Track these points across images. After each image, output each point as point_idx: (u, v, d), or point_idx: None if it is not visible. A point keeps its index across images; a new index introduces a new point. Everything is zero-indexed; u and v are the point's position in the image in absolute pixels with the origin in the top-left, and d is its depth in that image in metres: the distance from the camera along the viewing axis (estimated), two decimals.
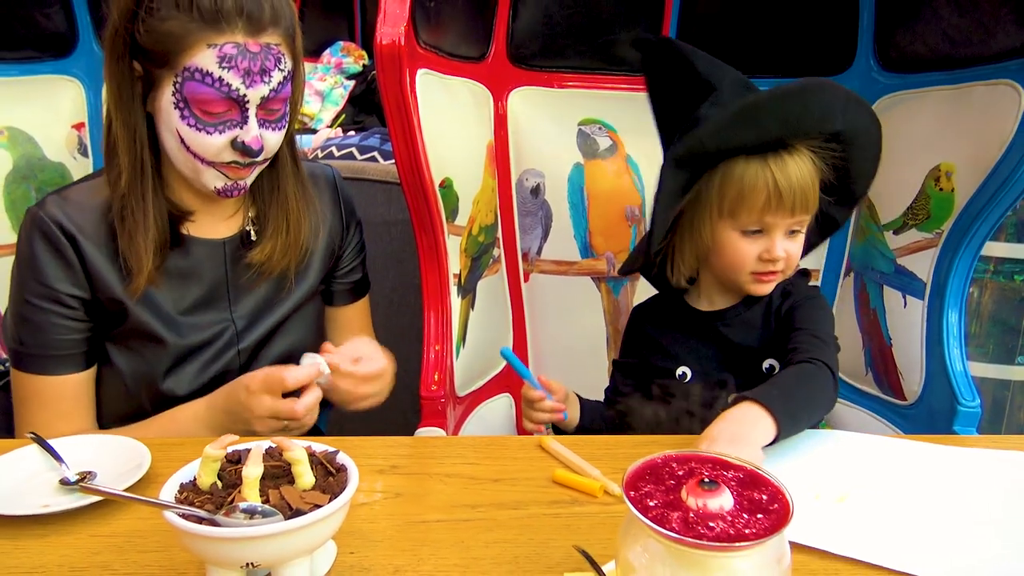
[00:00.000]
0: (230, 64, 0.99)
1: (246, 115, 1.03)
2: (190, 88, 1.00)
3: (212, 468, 0.72)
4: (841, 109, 1.12)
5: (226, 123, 1.02)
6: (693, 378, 1.23)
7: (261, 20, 1.00)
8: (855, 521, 0.85)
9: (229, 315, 1.17)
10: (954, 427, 1.27)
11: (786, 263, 1.18)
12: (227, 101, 1.01)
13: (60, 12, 1.52)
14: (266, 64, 1.01)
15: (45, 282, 1.06)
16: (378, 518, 0.85)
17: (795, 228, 1.18)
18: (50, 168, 1.48)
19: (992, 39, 1.24)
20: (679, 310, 1.29)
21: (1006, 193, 1.21)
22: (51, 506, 0.83)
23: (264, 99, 1.03)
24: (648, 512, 0.59)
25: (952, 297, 1.31)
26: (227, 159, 1.04)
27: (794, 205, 1.13)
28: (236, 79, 1.00)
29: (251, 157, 1.05)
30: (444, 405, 1.25)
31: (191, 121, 1.01)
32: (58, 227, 1.06)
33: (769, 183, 1.12)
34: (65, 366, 1.10)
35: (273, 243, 1.16)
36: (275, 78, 1.03)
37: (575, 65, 1.58)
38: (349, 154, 1.92)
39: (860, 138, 1.16)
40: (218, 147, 1.03)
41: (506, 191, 1.56)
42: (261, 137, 1.04)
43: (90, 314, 1.10)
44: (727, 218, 1.17)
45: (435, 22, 1.23)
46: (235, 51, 0.99)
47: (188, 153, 1.04)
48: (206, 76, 0.99)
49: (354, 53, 2.88)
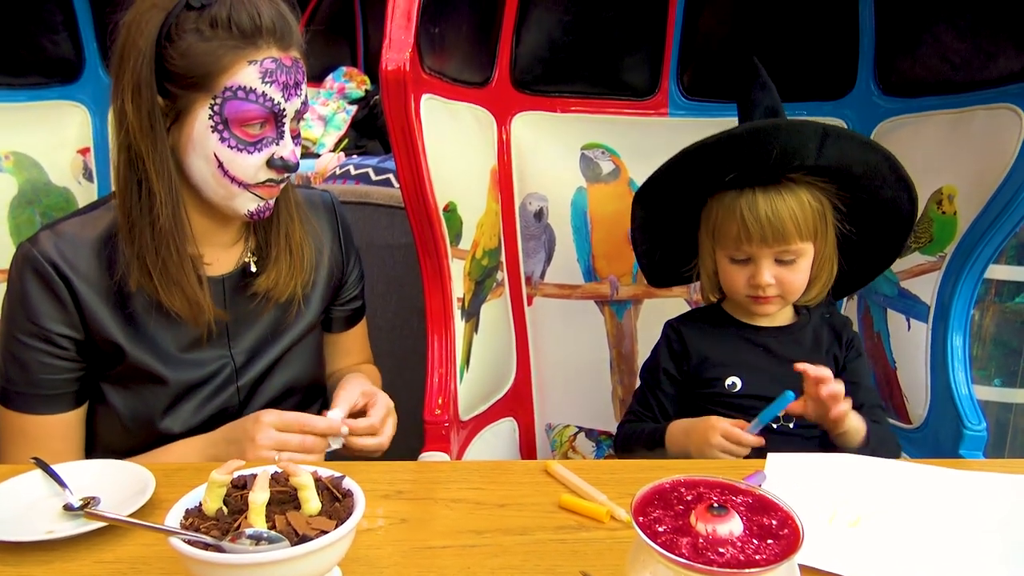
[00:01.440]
0: (272, 79, 1.01)
1: (282, 130, 1.04)
2: (232, 108, 1.00)
3: (218, 494, 0.72)
4: (816, 146, 1.15)
5: (263, 141, 1.03)
6: (743, 388, 1.24)
7: (290, 38, 1.03)
8: (868, 545, 0.84)
9: (228, 352, 1.16)
10: (960, 451, 1.27)
11: (781, 289, 1.21)
12: (268, 116, 1.02)
13: (67, 38, 1.53)
14: (297, 77, 1.04)
15: (36, 321, 1.04)
16: (383, 544, 0.84)
17: (784, 257, 1.20)
18: (55, 193, 1.48)
19: (992, 63, 1.25)
20: (724, 321, 1.30)
21: (1008, 216, 1.22)
22: (55, 532, 0.83)
23: (297, 113, 1.05)
24: (657, 538, 0.59)
25: (956, 320, 1.31)
26: (263, 179, 1.05)
27: (765, 237, 1.17)
28: (277, 93, 1.01)
29: (288, 172, 1.06)
30: (448, 429, 1.24)
31: (232, 143, 1.01)
32: (52, 266, 1.03)
33: (737, 217, 1.18)
34: (53, 405, 1.08)
35: (278, 269, 1.15)
36: (304, 91, 1.06)
37: (578, 90, 1.59)
38: (365, 175, 1.93)
39: (857, 168, 1.18)
40: (256, 167, 1.04)
41: (509, 215, 1.57)
42: (296, 155, 1.06)
43: (82, 354, 1.08)
44: (717, 245, 1.24)
45: (439, 48, 1.24)
46: (274, 66, 1.01)
47: (226, 178, 1.03)
48: (249, 93, 1.00)
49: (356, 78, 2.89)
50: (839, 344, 1.28)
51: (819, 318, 1.30)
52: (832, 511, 0.91)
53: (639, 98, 1.61)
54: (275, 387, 1.20)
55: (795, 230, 1.17)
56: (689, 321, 1.34)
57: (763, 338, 1.26)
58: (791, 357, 1.23)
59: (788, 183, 1.18)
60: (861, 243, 1.26)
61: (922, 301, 1.37)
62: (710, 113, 1.58)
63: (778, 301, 1.24)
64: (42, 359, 1.05)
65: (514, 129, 1.56)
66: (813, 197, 1.19)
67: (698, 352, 1.28)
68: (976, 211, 1.26)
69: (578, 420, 1.65)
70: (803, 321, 1.29)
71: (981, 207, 1.25)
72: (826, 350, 1.27)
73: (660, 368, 1.31)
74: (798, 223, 1.17)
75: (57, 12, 1.50)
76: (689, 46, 1.57)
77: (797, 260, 1.20)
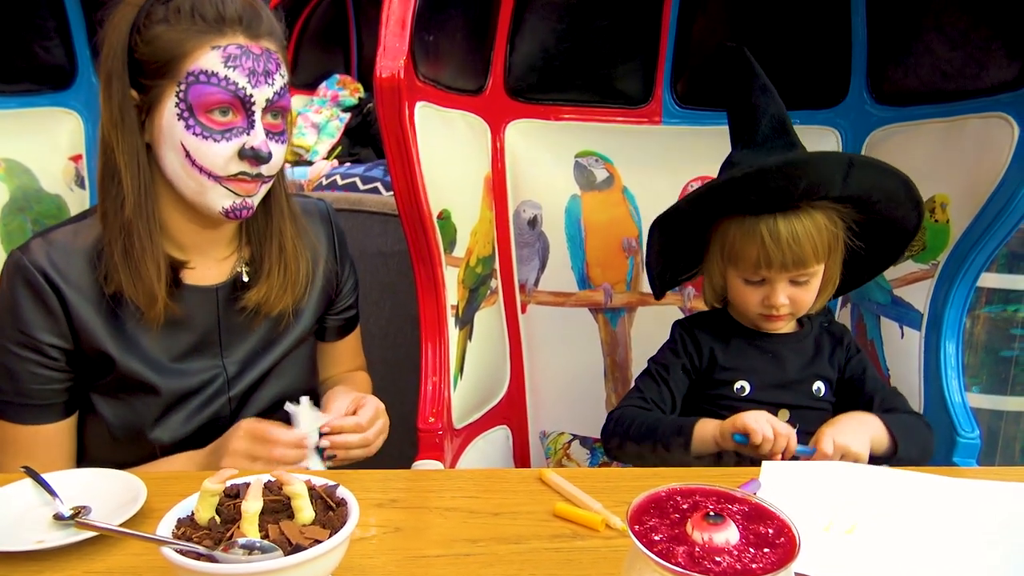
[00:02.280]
0: (235, 63, 1.00)
1: (252, 119, 1.02)
2: (196, 92, 0.99)
3: (210, 503, 0.71)
4: (842, 177, 1.14)
5: (232, 130, 1.02)
6: (751, 393, 1.24)
7: (259, 28, 1.03)
8: (864, 553, 0.84)
9: (220, 362, 1.15)
10: (954, 458, 1.27)
11: (792, 307, 1.22)
12: (232, 100, 1.00)
13: (59, 45, 1.53)
14: (268, 66, 1.03)
15: (26, 331, 1.03)
16: (377, 553, 0.84)
17: (799, 279, 1.20)
18: (47, 200, 1.47)
19: (984, 72, 1.25)
20: (733, 326, 1.30)
21: (1001, 224, 1.22)
22: (45, 542, 0.82)
23: (269, 102, 1.03)
24: (653, 547, 0.58)
25: (949, 328, 1.32)
26: (235, 171, 1.03)
27: (784, 263, 1.17)
28: (242, 77, 1.00)
29: (260, 163, 1.03)
30: (442, 438, 1.24)
31: (197, 130, 1.00)
32: (43, 275, 1.02)
33: (758, 244, 1.17)
34: (43, 416, 1.07)
35: (270, 283, 1.13)
36: (277, 81, 1.04)
37: (572, 98, 1.59)
38: (352, 184, 1.92)
39: (876, 194, 1.18)
40: (226, 157, 1.02)
41: (503, 222, 1.57)
42: (269, 144, 1.04)
43: (72, 365, 1.07)
44: (730, 265, 1.23)
45: (433, 55, 1.24)
46: (239, 51, 1.01)
47: (194, 168, 1.02)
48: (212, 76, 0.99)
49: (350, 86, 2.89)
50: (840, 348, 1.30)
51: (819, 326, 1.31)
52: (828, 519, 0.90)
53: (633, 106, 1.61)
54: (267, 397, 1.19)
55: (813, 254, 1.17)
56: (699, 323, 1.34)
57: (772, 345, 1.27)
58: (797, 364, 1.26)
59: (806, 207, 1.17)
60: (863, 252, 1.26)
61: (915, 309, 1.37)
62: (704, 121, 1.59)
63: (788, 318, 1.25)
64: (32, 369, 1.04)
65: (508, 137, 1.56)
66: (829, 220, 1.19)
67: (709, 354, 1.28)
68: (968, 219, 1.26)
69: (572, 428, 1.64)
70: (806, 330, 1.30)
71: (973, 215, 1.25)
72: (828, 356, 1.28)
73: (676, 363, 1.30)
74: (816, 247, 1.17)
75: (49, 18, 1.50)
76: (683, 54, 1.58)
77: (810, 280, 1.21)
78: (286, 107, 1.07)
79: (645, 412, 1.25)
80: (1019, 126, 1.18)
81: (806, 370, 1.27)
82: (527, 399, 1.62)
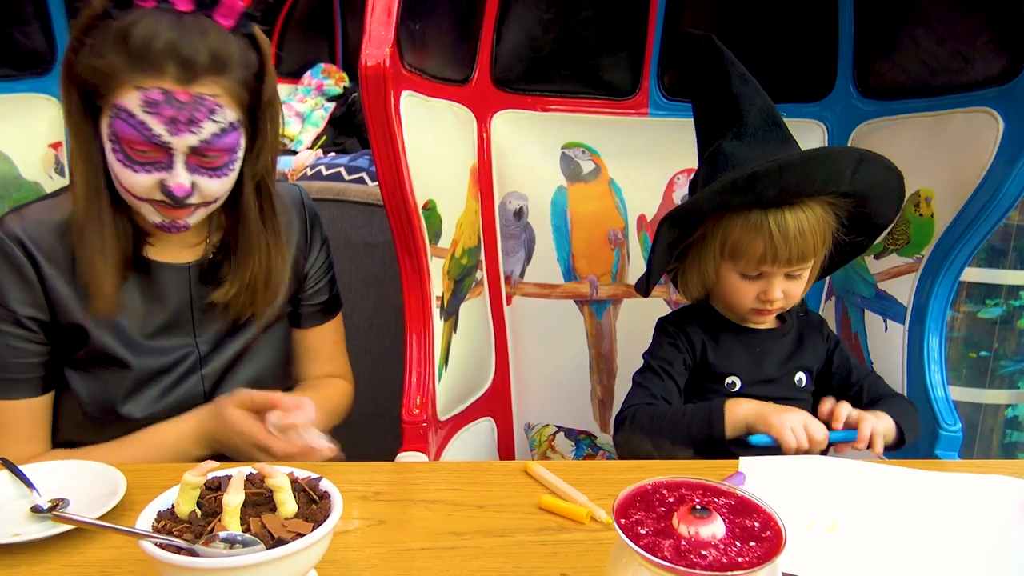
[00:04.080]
0: (154, 110, 0.95)
1: (172, 160, 0.99)
2: (118, 125, 0.97)
3: (191, 496, 0.70)
4: (851, 172, 1.14)
5: (153, 164, 0.99)
6: (742, 388, 1.25)
7: (195, 67, 0.96)
8: (847, 550, 0.85)
9: (193, 340, 1.15)
10: (936, 451, 1.28)
11: (785, 301, 1.23)
12: (150, 145, 0.97)
13: (38, 31, 1.50)
14: (195, 115, 0.97)
15: (3, 303, 1.03)
16: (361, 546, 0.83)
17: (795, 273, 1.21)
18: (26, 187, 1.45)
19: (970, 67, 1.26)
20: (719, 321, 1.30)
21: (985, 219, 1.23)
22: (22, 535, 0.81)
23: (193, 149, 0.98)
24: (639, 540, 0.58)
25: (933, 322, 1.32)
26: (157, 198, 1.01)
27: (790, 258, 1.17)
28: (159, 126, 0.96)
29: (176, 203, 1.01)
30: (426, 429, 1.23)
31: (120, 156, 0.99)
32: (18, 245, 1.03)
33: (766, 238, 1.15)
34: (22, 390, 1.07)
35: (236, 287, 1.12)
36: (206, 129, 0.98)
37: (558, 89, 1.58)
38: (337, 174, 1.90)
39: (875, 190, 1.18)
40: (146, 187, 0.99)
41: (489, 214, 1.56)
42: (192, 184, 1.00)
43: (49, 337, 1.07)
44: (728, 260, 1.21)
45: (420, 45, 1.23)
46: (161, 98, 0.95)
47: (120, 187, 1.02)
48: (130, 117, 0.96)
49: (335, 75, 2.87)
50: (820, 338, 1.31)
51: (796, 317, 1.32)
52: (810, 516, 0.91)
53: (620, 98, 1.60)
54: (242, 378, 1.19)
55: (813, 248, 1.18)
56: (687, 319, 1.33)
57: (758, 341, 1.27)
58: (780, 358, 1.27)
59: (808, 201, 1.17)
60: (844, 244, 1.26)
61: (899, 302, 1.37)
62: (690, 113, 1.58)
63: (779, 310, 1.26)
64: (10, 342, 1.04)
65: (494, 127, 1.55)
66: (826, 211, 1.19)
67: (701, 349, 1.28)
68: (953, 213, 1.26)
69: (557, 420, 1.64)
70: (788, 324, 1.31)
71: (958, 209, 1.26)
72: (809, 347, 1.29)
73: (678, 357, 1.28)
74: (816, 241, 1.17)
75: (28, 3, 1.47)
76: (670, 46, 1.57)
77: (803, 274, 1.22)
78: (224, 148, 1.01)
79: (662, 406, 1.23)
80: (1004, 121, 1.19)
81: (789, 363, 1.28)
82: (512, 391, 1.62)
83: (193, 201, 1.02)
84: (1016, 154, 1.16)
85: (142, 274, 1.10)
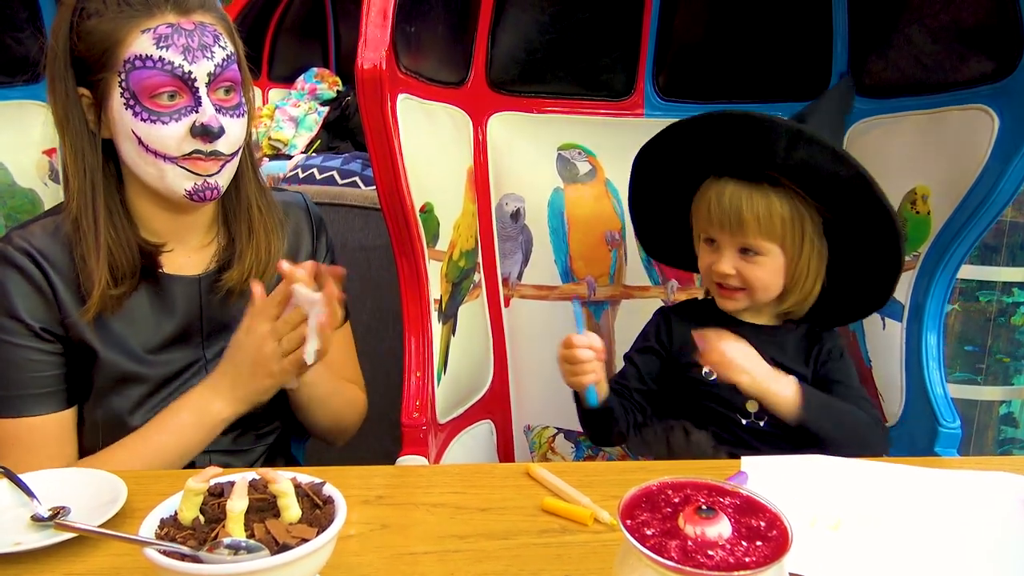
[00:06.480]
0: (167, 43, 0.99)
1: (198, 96, 1.02)
2: (135, 78, 0.99)
3: (194, 502, 0.70)
4: (785, 147, 1.15)
5: (180, 110, 1.01)
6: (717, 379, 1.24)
7: (187, 2, 1.02)
8: (851, 549, 0.85)
9: (202, 352, 1.15)
10: (935, 448, 1.28)
11: (743, 281, 1.23)
12: (174, 81, 1.00)
13: (31, 37, 1.49)
14: (204, 40, 1.02)
15: (17, 316, 1.03)
16: (365, 551, 0.83)
17: (747, 248, 1.21)
18: (20, 194, 1.44)
19: (965, 65, 1.26)
20: (712, 313, 1.31)
21: (981, 216, 1.23)
22: (23, 544, 0.80)
23: (212, 76, 1.02)
24: (645, 541, 0.58)
25: (930, 319, 1.32)
26: (188, 150, 1.02)
27: (723, 223, 1.21)
28: (177, 56, 1.00)
29: (212, 139, 1.02)
30: (426, 433, 1.23)
31: (144, 116, 1.00)
32: (28, 257, 1.03)
33: (707, 199, 1.23)
34: (49, 404, 1.06)
35: (242, 265, 1.14)
36: (217, 54, 1.03)
37: (554, 90, 1.58)
38: (330, 178, 1.90)
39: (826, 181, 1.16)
40: (177, 137, 1.01)
41: (486, 216, 1.56)
42: (219, 120, 1.03)
43: (64, 350, 1.06)
44: (696, 226, 1.29)
45: (415, 47, 1.23)
46: (169, 30, 1.00)
47: (148, 153, 1.02)
48: (147, 60, 0.99)
49: (328, 79, 2.87)
50: (820, 350, 1.27)
51: (805, 328, 1.29)
52: (812, 514, 0.91)
53: (615, 99, 1.60)
54: None
55: (755, 226, 1.19)
56: (680, 309, 1.38)
57: (744, 333, 1.26)
58: (768, 356, 1.23)
59: (766, 185, 1.19)
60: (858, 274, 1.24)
61: (896, 300, 1.37)
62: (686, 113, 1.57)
63: (742, 297, 1.24)
64: (30, 356, 1.04)
65: (490, 129, 1.55)
66: (787, 203, 1.19)
67: (681, 338, 1.30)
68: (949, 211, 1.27)
69: (556, 421, 1.64)
70: (789, 329, 1.29)
71: (954, 207, 1.26)
72: (804, 354, 1.27)
73: (644, 345, 1.36)
74: (759, 220, 1.19)
75: (21, 9, 1.47)
76: (665, 47, 1.57)
77: (760, 256, 1.21)
78: (235, 79, 1.06)
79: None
80: (999, 118, 1.19)
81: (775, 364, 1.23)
82: (511, 393, 1.62)
83: (222, 148, 1.04)
84: (1011, 151, 1.16)
85: (152, 286, 1.10)
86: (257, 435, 1.20)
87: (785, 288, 1.24)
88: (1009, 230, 2.15)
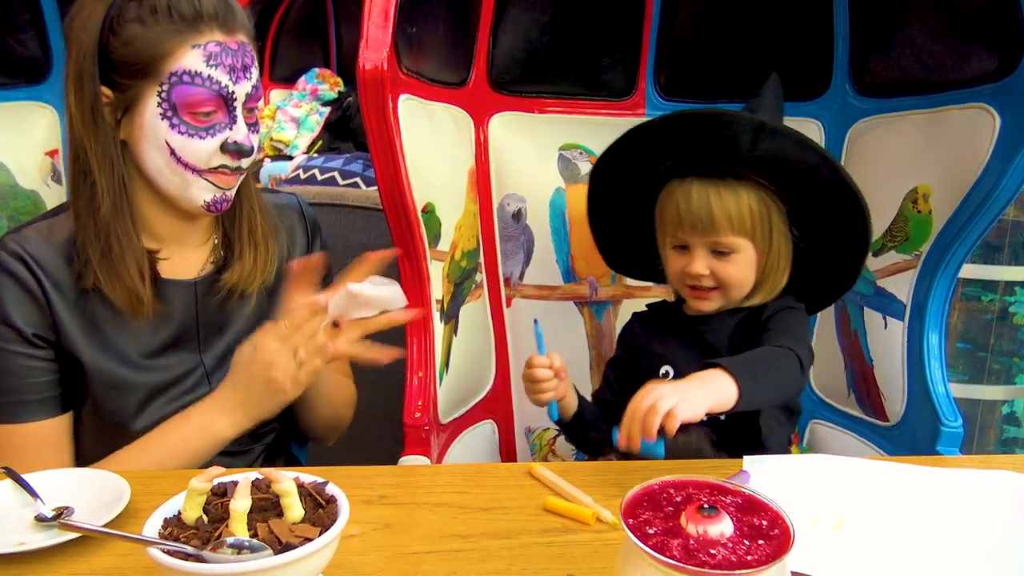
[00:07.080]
0: (216, 61, 1.01)
1: (234, 115, 1.04)
2: (180, 92, 1.00)
3: (197, 502, 0.70)
4: (750, 139, 1.15)
5: (216, 126, 1.03)
6: (675, 376, 1.25)
7: (233, 22, 1.04)
8: (853, 548, 0.85)
9: (198, 356, 1.15)
10: (937, 447, 1.28)
11: (717, 280, 1.22)
12: (216, 100, 1.01)
13: (34, 38, 1.50)
14: (245, 60, 1.04)
15: (10, 322, 1.02)
16: (367, 550, 0.83)
17: (720, 249, 1.21)
18: (22, 196, 1.45)
19: (966, 64, 1.26)
20: (671, 316, 1.33)
21: (983, 215, 1.23)
22: (27, 544, 0.80)
23: (248, 96, 1.05)
24: (648, 540, 0.58)
25: (932, 318, 1.32)
26: (216, 164, 1.04)
27: (695, 225, 1.20)
28: (224, 76, 1.01)
29: (243, 157, 1.05)
30: (428, 433, 1.23)
31: (182, 129, 1.01)
32: (22, 263, 1.02)
33: (674, 202, 1.22)
34: (42, 411, 1.05)
35: (243, 264, 1.14)
36: (254, 75, 1.06)
37: (555, 90, 1.58)
38: (331, 179, 1.90)
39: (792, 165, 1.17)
40: (210, 152, 1.03)
41: (488, 216, 1.56)
42: (252, 139, 1.05)
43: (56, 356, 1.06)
44: (662, 232, 1.28)
45: (416, 48, 1.23)
46: (218, 49, 1.01)
47: (179, 165, 1.03)
48: (195, 76, 1.00)
49: (329, 80, 2.87)
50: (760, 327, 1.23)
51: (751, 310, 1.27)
52: (814, 514, 0.91)
53: (616, 98, 1.60)
54: None
55: (727, 223, 1.19)
56: (646, 313, 1.40)
57: (694, 327, 1.28)
58: (716, 344, 1.25)
59: (731, 180, 1.19)
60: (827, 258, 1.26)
61: (898, 299, 1.37)
62: None
63: (716, 296, 1.24)
64: (23, 362, 1.03)
65: (491, 130, 1.55)
66: (754, 196, 1.20)
67: (642, 342, 1.33)
68: (951, 210, 1.27)
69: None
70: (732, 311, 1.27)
71: (955, 206, 1.26)
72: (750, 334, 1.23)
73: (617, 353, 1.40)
74: (730, 217, 1.19)
75: (23, 11, 1.47)
76: (666, 46, 1.57)
77: (733, 254, 1.21)
78: (260, 98, 1.09)
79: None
80: (1000, 117, 1.19)
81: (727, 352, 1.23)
82: (513, 394, 1.62)
83: (245, 164, 1.07)
84: (1013, 150, 1.16)
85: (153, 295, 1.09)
86: (253, 435, 1.20)
87: (757, 282, 1.25)
88: (1011, 229, 2.15)
